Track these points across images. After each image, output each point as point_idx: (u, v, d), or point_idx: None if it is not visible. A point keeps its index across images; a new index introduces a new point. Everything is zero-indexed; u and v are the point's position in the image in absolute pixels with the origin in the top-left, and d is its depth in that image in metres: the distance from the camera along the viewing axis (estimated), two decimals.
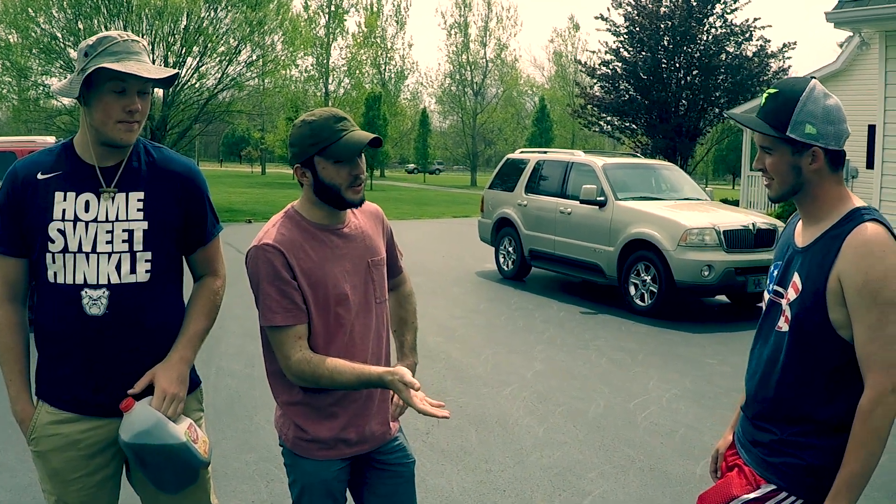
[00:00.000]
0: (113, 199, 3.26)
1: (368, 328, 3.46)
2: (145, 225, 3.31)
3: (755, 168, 3.01)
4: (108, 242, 3.25)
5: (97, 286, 3.23)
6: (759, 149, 2.98)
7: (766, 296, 3.12)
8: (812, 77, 3.00)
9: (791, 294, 2.93)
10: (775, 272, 3.10)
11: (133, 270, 3.29)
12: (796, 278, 2.92)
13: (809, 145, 2.84)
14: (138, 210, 3.31)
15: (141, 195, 3.32)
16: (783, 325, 2.96)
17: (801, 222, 3.06)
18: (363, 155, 3.36)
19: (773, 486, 2.92)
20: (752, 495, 2.97)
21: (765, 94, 2.98)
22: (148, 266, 3.32)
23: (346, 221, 3.47)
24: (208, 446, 3.43)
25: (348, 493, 3.63)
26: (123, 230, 3.27)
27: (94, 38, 3.20)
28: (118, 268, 3.26)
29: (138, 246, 3.30)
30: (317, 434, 3.41)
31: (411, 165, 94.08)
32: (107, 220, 3.26)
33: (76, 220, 3.23)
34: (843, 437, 2.78)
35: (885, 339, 2.70)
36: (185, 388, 3.36)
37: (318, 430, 3.41)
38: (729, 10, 35.46)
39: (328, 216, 3.42)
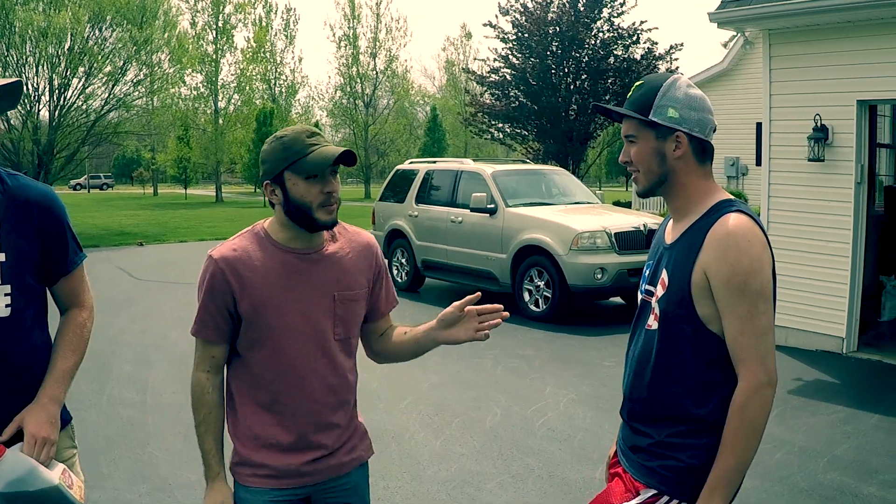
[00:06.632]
0: None
1: (316, 362, 3.27)
2: (2, 256, 3.13)
3: (621, 161, 3.01)
4: None
5: None
6: (624, 142, 2.99)
7: (639, 296, 3.10)
8: (681, 73, 3.00)
9: (659, 291, 2.90)
10: (647, 272, 3.08)
11: None
12: (664, 275, 2.89)
13: (673, 129, 2.85)
14: None
15: None
16: (653, 323, 2.93)
17: (671, 221, 3.05)
18: (337, 174, 3.22)
19: (653, 491, 2.86)
20: (631, 502, 2.91)
21: (632, 88, 2.99)
22: (7, 300, 3.14)
23: (319, 247, 3.29)
24: (83, 491, 3.29)
25: None
26: None
27: None
28: None
29: None
30: (248, 457, 3.26)
31: (74, 181, 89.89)
32: None
33: None
34: (720, 434, 2.75)
35: (757, 330, 2.69)
36: (56, 431, 3.20)
37: (251, 454, 3.26)
38: (616, 14, 35.80)
39: (297, 239, 3.25)
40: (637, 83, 2.99)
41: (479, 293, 3.31)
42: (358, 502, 3.46)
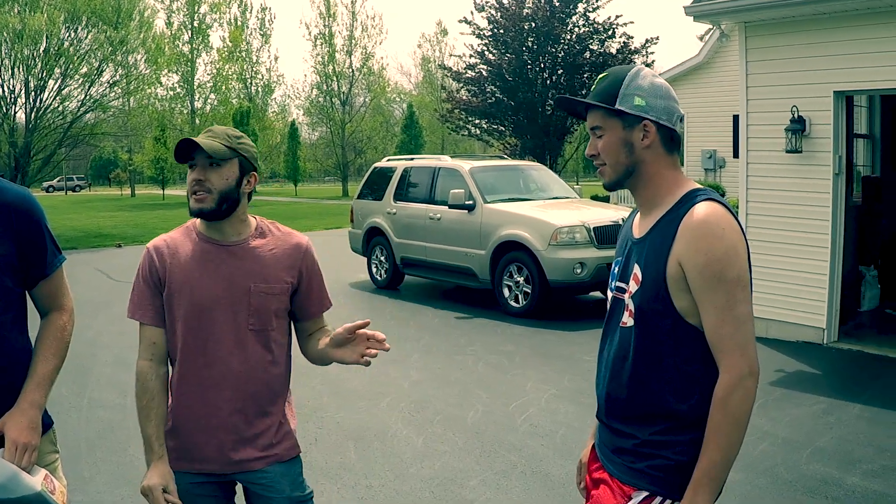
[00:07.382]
0: None
1: (225, 347, 3.36)
2: None
3: (587, 155, 2.97)
4: None
5: None
6: (590, 135, 2.95)
7: (610, 294, 3.03)
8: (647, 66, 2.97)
9: (633, 286, 2.83)
10: (616, 269, 3.00)
11: None
12: (636, 269, 2.82)
13: (640, 118, 2.80)
14: None
15: None
16: (628, 320, 2.85)
17: (638, 215, 3.00)
18: (218, 167, 3.33)
19: (645, 493, 2.77)
20: None
21: (596, 80, 2.95)
22: None
23: (241, 240, 3.45)
24: (66, 496, 3.25)
25: None
26: None
27: None
28: None
29: None
30: (173, 436, 3.43)
31: (47, 183, 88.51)
32: None
33: None
34: (704, 429, 2.67)
35: (736, 319, 2.62)
36: (38, 436, 3.15)
37: (173, 433, 3.43)
38: (591, 9, 35.90)
39: (212, 229, 3.43)
40: (601, 75, 2.94)
41: (368, 320, 3.42)
42: (276, 496, 3.54)
